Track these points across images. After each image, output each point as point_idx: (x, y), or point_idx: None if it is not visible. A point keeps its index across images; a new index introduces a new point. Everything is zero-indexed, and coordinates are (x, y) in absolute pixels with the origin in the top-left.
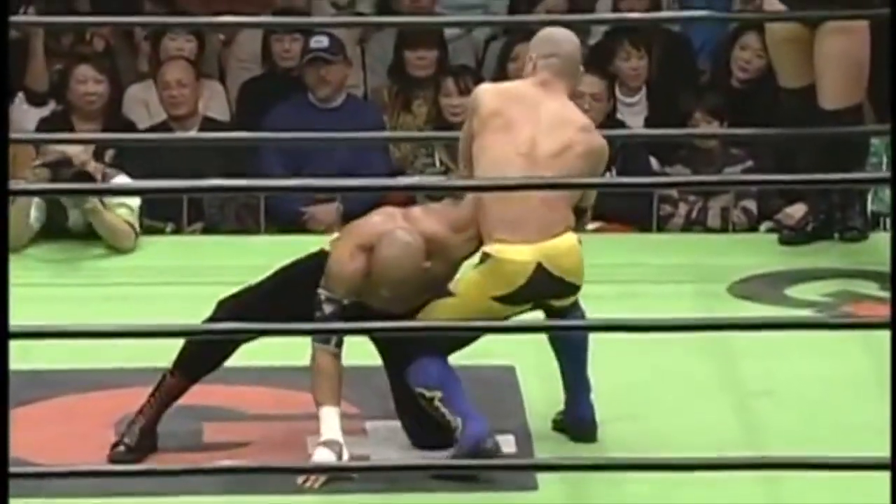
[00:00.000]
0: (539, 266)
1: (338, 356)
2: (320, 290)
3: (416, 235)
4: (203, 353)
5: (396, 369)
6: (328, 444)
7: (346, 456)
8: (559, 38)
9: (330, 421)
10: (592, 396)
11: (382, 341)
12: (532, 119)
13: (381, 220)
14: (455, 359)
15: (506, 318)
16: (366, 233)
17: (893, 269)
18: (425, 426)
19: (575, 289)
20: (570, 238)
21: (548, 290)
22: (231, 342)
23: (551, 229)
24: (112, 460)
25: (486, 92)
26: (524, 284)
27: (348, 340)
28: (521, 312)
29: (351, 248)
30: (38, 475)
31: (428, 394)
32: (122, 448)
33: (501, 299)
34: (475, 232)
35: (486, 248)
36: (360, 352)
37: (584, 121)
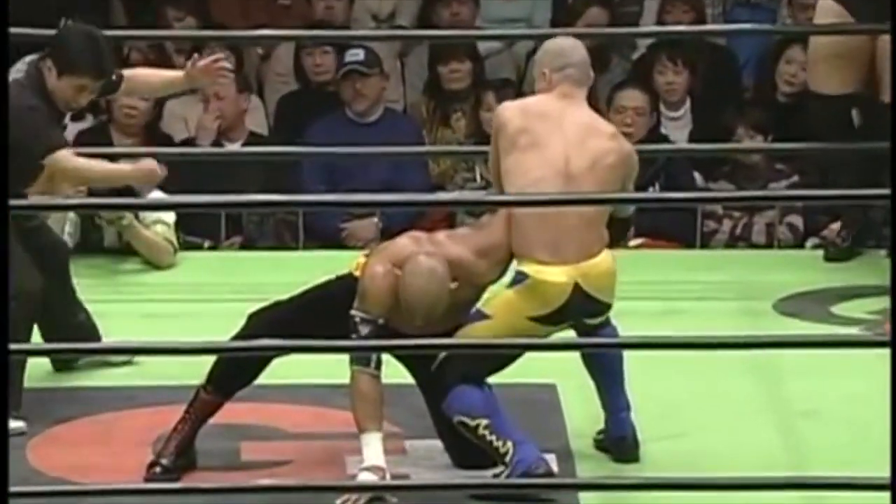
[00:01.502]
0: (577, 287)
1: (377, 377)
2: (354, 312)
3: (440, 260)
4: (236, 369)
5: (432, 392)
6: (372, 469)
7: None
8: (568, 48)
9: (373, 446)
10: (633, 415)
11: (414, 364)
12: (559, 134)
13: (409, 243)
14: (496, 378)
15: (542, 336)
16: (394, 253)
17: (893, 281)
18: (466, 447)
19: (607, 307)
20: (607, 258)
21: (584, 310)
22: (264, 357)
23: (589, 249)
24: (148, 480)
25: (509, 109)
26: (562, 305)
27: (387, 359)
28: (558, 331)
29: (382, 267)
30: (41, 494)
31: (471, 422)
32: (158, 469)
33: (538, 319)
34: (502, 256)
35: (523, 268)
36: (400, 370)
37: (610, 128)
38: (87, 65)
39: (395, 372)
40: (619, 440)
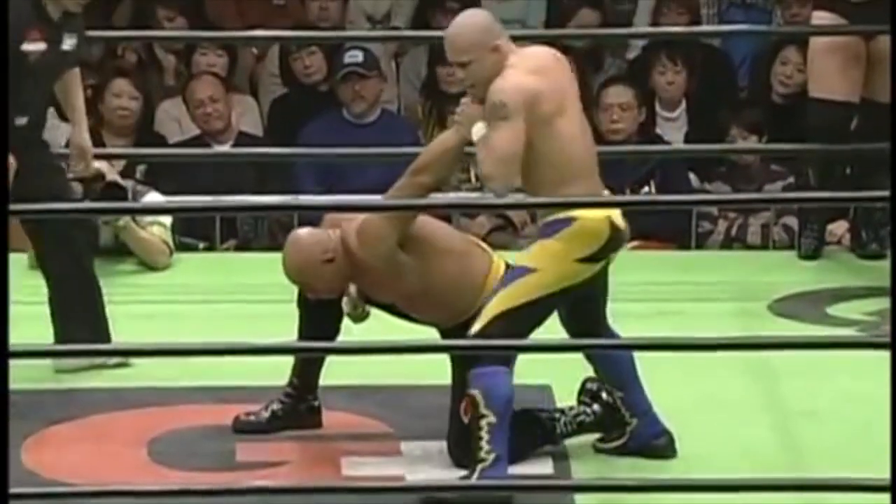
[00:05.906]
0: (610, 221)
1: None
2: None
3: (318, 232)
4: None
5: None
6: None
7: None
8: (488, 16)
9: None
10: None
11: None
12: (564, 88)
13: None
14: None
15: (584, 281)
16: None
17: (893, 283)
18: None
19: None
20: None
21: (616, 245)
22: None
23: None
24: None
25: (525, 85)
26: (605, 242)
27: (381, 359)
28: (599, 270)
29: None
30: (41, 496)
31: (481, 408)
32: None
33: (586, 259)
34: (373, 236)
35: (568, 214)
36: (394, 371)
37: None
38: None
39: (390, 372)
40: (656, 436)
